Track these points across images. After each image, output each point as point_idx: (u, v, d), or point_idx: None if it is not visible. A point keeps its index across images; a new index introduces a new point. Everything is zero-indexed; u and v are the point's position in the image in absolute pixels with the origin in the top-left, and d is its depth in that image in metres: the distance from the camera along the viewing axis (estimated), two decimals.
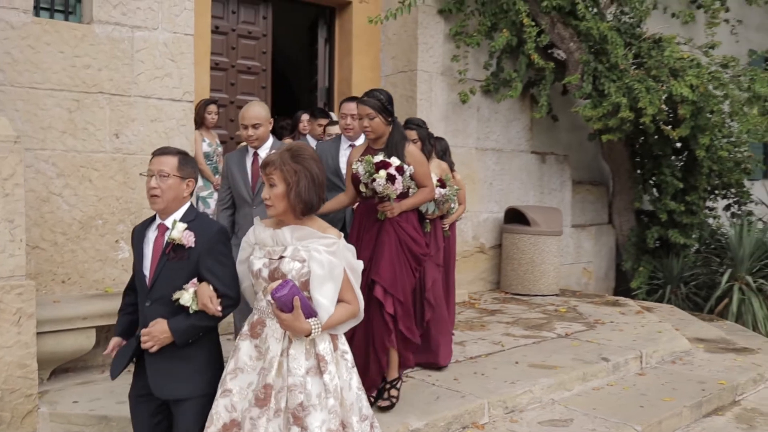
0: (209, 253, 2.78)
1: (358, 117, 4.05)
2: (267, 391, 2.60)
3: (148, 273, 2.84)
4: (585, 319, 6.66)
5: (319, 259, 2.63)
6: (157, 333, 2.75)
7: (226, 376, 2.72)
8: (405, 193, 3.97)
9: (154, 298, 2.81)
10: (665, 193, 8.51)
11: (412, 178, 3.95)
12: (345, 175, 4.37)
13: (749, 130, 7.58)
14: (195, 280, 2.77)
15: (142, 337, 2.78)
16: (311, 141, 6.59)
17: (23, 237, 3.81)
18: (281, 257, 2.66)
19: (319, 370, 2.63)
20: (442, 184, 4.72)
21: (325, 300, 2.63)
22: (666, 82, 7.34)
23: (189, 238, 2.77)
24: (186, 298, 2.73)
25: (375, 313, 3.88)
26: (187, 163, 2.92)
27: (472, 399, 4.22)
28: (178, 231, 2.77)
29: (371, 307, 3.80)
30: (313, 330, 2.57)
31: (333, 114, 7.36)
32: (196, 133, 6.08)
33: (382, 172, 3.79)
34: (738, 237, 8.32)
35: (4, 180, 3.73)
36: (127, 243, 5.03)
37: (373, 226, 4.00)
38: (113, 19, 5.04)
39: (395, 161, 3.84)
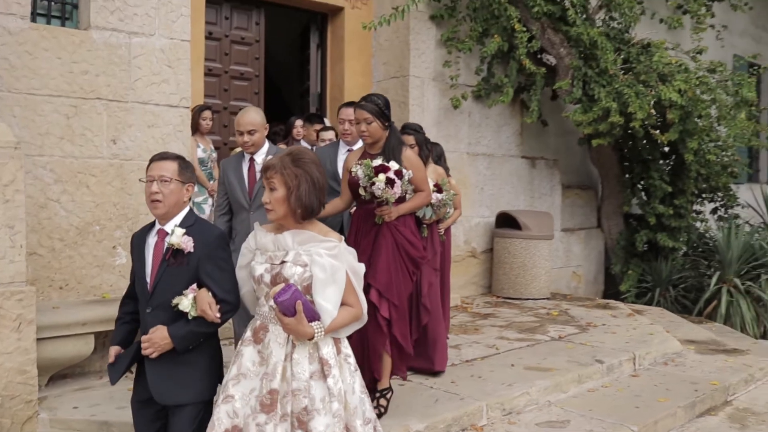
0: (208, 258, 2.77)
1: (356, 122, 4.04)
2: (273, 396, 2.57)
3: (149, 279, 2.83)
4: (577, 322, 6.71)
5: (321, 263, 2.61)
6: (157, 339, 2.75)
7: (228, 381, 2.69)
8: (403, 198, 3.97)
9: (154, 304, 2.80)
10: (654, 196, 8.60)
11: (410, 182, 3.94)
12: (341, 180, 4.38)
13: (737, 134, 7.69)
14: (194, 286, 2.76)
15: (143, 344, 2.77)
16: (306, 146, 6.62)
17: (23, 243, 3.80)
18: (283, 262, 2.64)
19: (322, 374, 2.61)
20: (438, 189, 4.76)
21: (328, 304, 2.62)
22: (655, 86, 7.42)
23: (188, 243, 2.76)
24: (185, 304, 2.73)
25: (370, 318, 3.85)
26: (187, 167, 2.92)
27: (471, 401, 4.26)
28: (177, 236, 2.76)
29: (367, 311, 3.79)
30: (316, 334, 2.56)
31: (326, 119, 7.40)
32: (192, 139, 6.09)
33: (382, 176, 3.77)
34: (726, 240, 8.43)
35: (4, 186, 3.72)
36: (124, 249, 5.03)
37: (370, 230, 3.98)
38: (110, 25, 5.04)
39: (394, 165, 3.83)
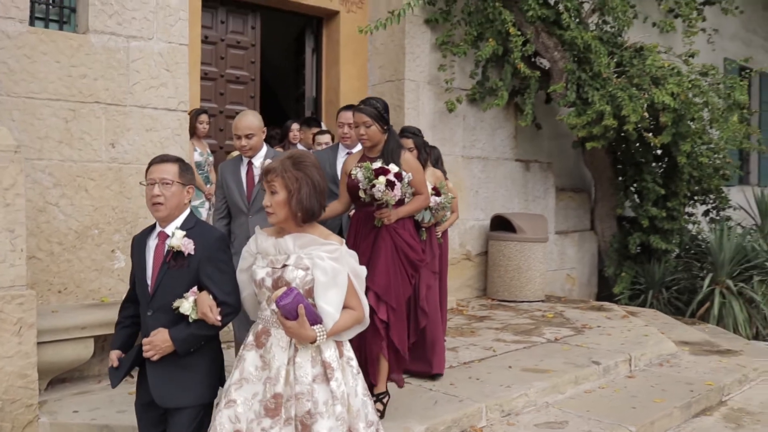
0: (209, 260, 2.78)
1: (355, 125, 4.06)
2: (277, 400, 2.57)
3: (149, 282, 2.83)
4: (572, 324, 6.75)
5: (323, 266, 2.61)
6: (158, 342, 2.74)
7: (230, 386, 2.67)
8: (402, 200, 3.97)
9: (155, 307, 2.80)
10: (647, 199, 8.65)
11: (409, 185, 3.95)
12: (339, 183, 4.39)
13: (728, 137, 7.76)
14: (195, 289, 2.76)
15: (144, 346, 2.77)
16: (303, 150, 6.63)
17: (24, 247, 3.79)
18: (284, 266, 2.64)
19: (325, 377, 2.61)
20: (437, 192, 4.78)
21: (330, 307, 2.61)
22: (648, 90, 7.47)
23: (188, 246, 2.76)
24: (185, 306, 2.72)
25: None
26: (187, 169, 2.92)
27: (470, 403, 4.28)
28: (177, 238, 2.76)
29: None
30: (318, 337, 2.56)
31: (322, 123, 7.42)
32: (188, 143, 6.09)
33: (382, 178, 3.77)
34: (718, 242, 8.48)
35: (5, 190, 3.72)
36: (123, 253, 5.03)
37: (369, 233, 3.97)
38: (109, 29, 5.04)
39: (394, 168, 3.83)
